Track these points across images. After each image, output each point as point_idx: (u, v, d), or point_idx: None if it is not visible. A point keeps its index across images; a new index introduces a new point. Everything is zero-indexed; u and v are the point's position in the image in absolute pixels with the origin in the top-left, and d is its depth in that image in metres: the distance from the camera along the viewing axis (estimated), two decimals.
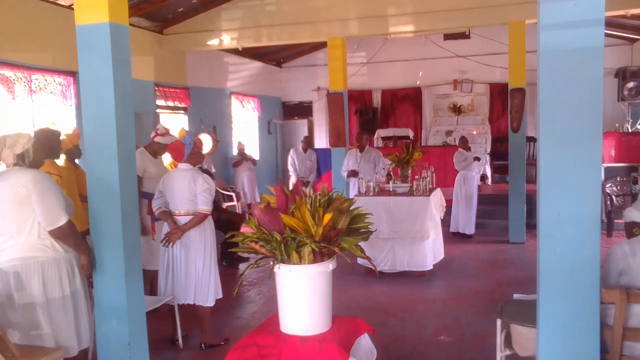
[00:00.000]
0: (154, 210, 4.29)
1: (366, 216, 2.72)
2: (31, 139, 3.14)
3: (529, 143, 10.47)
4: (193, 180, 4.18)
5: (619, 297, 2.45)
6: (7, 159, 3.07)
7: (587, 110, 2.29)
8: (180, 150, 4.27)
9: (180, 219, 4.21)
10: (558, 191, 2.34)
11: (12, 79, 6.22)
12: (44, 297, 3.01)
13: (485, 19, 7.90)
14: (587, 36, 2.26)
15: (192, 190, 4.17)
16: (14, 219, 3.00)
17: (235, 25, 8.90)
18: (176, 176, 4.24)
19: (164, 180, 4.31)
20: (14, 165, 3.08)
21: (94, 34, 3.24)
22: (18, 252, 3.00)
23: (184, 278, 4.21)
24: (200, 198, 4.19)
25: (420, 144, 10.79)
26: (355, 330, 2.80)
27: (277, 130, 13.65)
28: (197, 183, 4.17)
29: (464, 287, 5.86)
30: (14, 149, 3.06)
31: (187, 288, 4.22)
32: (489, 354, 3.41)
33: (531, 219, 7.84)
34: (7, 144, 3.06)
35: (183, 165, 4.28)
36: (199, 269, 4.21)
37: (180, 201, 4.20)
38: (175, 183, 4.21)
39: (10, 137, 3.10)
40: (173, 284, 4.24)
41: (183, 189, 4.18)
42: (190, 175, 4.20)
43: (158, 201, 4.28)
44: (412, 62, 12.75)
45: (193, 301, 4.25)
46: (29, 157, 3.11)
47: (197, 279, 4.22)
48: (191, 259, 4.20)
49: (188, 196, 4.18)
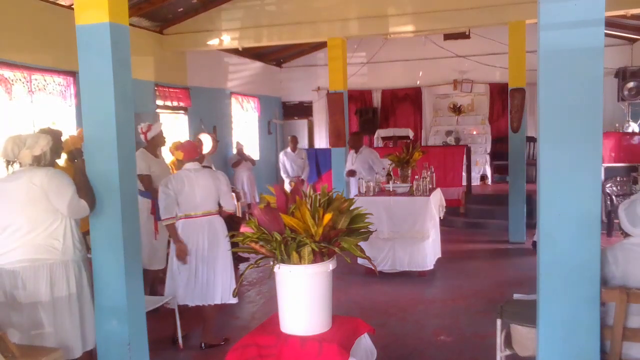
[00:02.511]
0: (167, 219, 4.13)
1: (366, 216, 2.72)
2: (50, 142, 3.19)
3: (529, 143, 10.47)
4: (216, 177, 4.20)
5: (619, 297, 2.44)
6: (24, 158, 3.11)
7: (587, 110, 2.29)
8: (194, 149, 4.28)
9: (203, 219, 4.16)
10: (558, 191, 2.34)
11: (11, 80, 6.21)
12: (50, 297, 3.02)
13: (485, 19, 7.91)
14: (587, 36, 2.26)
15: (218, 187, 4.18)
16: (27, 217, 3.03)
17: (235, 25, 8.90)
18: (193, 176, 4.15)
19: (174, 181, 4.14)
20: (29, 166, 3.11)
21: (94, 34, 3.23)
22: (28, 253, 3.01)
23: (212, 280, 4.17)
24: (227, 197, 4.21)
25: (420, 144, 10.78)
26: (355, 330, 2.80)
27: (277, 130, 13.65)
28: (221, 181, 4.20)
29: (464, 287, 5.86)
30: (32, 150, 3.10)
31: (215, 289, 4.18)
32: (489, 354, 3.41)
33: (531, 219, 7.84)
34: (27, 144, 3.11)
35: (191, 165, 4.22)
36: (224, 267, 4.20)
37: (204, 201, 4.14)
38: (197, 183, 4.13)
39: (30, 137, 3.15)
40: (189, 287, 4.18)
41: (209, 187, 4.14)
42: (210, 173, 4.22)
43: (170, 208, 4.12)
44: (412, 62, 12.75)
45: (220, 301, 4.22)
46: (45, 159, 3.16)
47: (223, 278, 4.20)
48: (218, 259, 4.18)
49: (214, 194, 4.18)
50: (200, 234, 4.15)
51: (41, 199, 3.03)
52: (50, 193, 3.04)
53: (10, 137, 3.14)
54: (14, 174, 3.09)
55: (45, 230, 3.05)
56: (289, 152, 9.95)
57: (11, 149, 3.09)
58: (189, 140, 4.41)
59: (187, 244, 4.14)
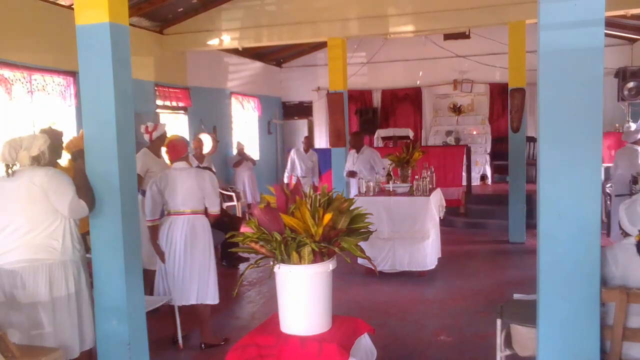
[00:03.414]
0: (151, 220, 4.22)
1: (366, 216, 2.72)
2: (47, 141, 3.19)
3: (529, 143, 10.46)
4: (201, 177, 4.18)
5: (619, 297, 2.44)
6: (23, 160, 3.11)
7: (587, 110, 2.28)
8: (180, 148, 4.28)
9: (184, 217, 4.20)
10: (558, 191, 2.34)
11: (11, 80, 6.21)
12: (49, 298, 3.02)
13: (485, 19, 7.91)
14: (587, 36, 2.26)
15: (202, 188, 4.17)
16: (27, 217, 3.03)
17: (235, 25, 8.90)
18: (177, 175, 4.21)
19: (161, 180, 4.25)
20: (29, 166, 3.12)
21: (94, 34, 3.23)
22: (27, 253, 3.02)
23: (187, 279, 4.20)
24: (212, 200, 4.19)
25: (420, 144, 10.79)
26: (355, 330, 2.80)
27: (277, 130, 13.65)
28: (205, 181, 4.18)
29: (464, 287, 5.86)
30: (30, 151, 3.10)
31: (190, 289, 4.21)
32: (489, 354, 3.41)
33: (531, 219, 7.83)
34: (24, 145, 3.11)
35: (180, 164, 4.27)
36: (201, 267, 4.21)
37: (187, 200, 4.17)
38: (180, 182, 4.18)
39: (26, 139, 3.15)
40: (173, 286, 4.23)
41: (191, 187, 4.15)
42: (196, 173, 4.21)
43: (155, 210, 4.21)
44: (412, 62, 12.75)
45: (196, 301, 4.24)
46: (44, 158, 3.16)
47: (200, 278, 4.21)
48: (195, 258, 4.19)
49: (198, 194, 4.18)
50: (179, 233, 4.20)
51: (41, 199, 3.03)
52: (50, 193, 3.04)
53: (7, 141, 3.13)
54: (15, 174, 3.10)
55: (45, 230, 3.05)
56: (301, 151, 9.89)
57: (8, 152, 3.08)
58: (173, 140, 4.38)
59: (170, 241, 4.21)
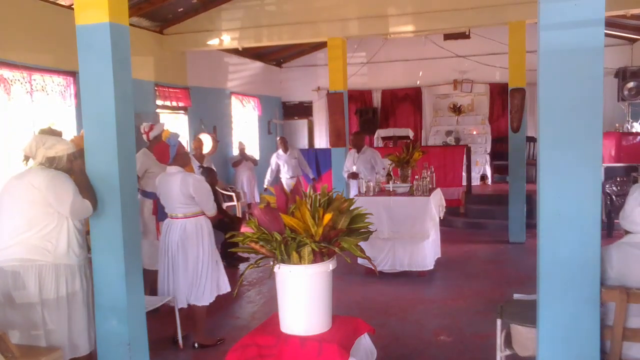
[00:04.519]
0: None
1: (366, 216, 2.72)
2: (70, 149, 3.20)
3: (529, 143, 10.47)
4: (184, 183, 4.12)
5: (619, 297, 2.44)
6: (39, 157, 3.13)
7: (587, 110, 2.28)
8: (165, 151, 4.24)
9: (178, 221, 4.20)
10: (558, 191, 2.33)
11: (10, 80, 6.21)
12: (39, 299, 3.02)
13: (485, 19, 7.90)
14: (587, 36, 2.26)
15: (185, 193, 4.12)
16: (25, 218, 3.04)
17: (235, 25, 8.90)
18: (167, 180, 4.21)
19: (158, 184, 4.29)
20: (39, 165, 3.12)
21: (94, 34, 3.24)
22: (21, 252, 3.01)
23: (183, 279, 4.21)
24: (203, 204, 4.17)
25: (420, 144, 10.79)
26: (355, 330, 2.80)
27: (277, 130, 13.65)
28: (189, 186, 4.11)
29: (464, 287, 5.86)
30: (47, 151, 3.12)
31: (179, 290, 4.22)
32: (489, 354, 3.41)
33: (531, 219, 7.83)
34: (46, 144, 3.13)
35: (171, 168, 4.24)
36: (196, 268, 4.21)
37: (175, 205, 4.19)
38: (168, 187, 4.19)
39: (52, 139, 3.19)
40: (173, 285, 4.24)
41: (176, 193, 4.14)
42: (180, 178, 4.14)
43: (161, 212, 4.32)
44: (412, 62, 12.75)
45: (190, 302, 4.25)
46: (60, 163, 3.16)
47: (194, 279, 4.22)
48: (190, 259, 4.20)
49: (182, 199, 4.14)
50: (171, 235, 4.22)
51: (39, 201, 3.03)
52: (50, 196, 3.03)
53: (37, 134, 3.20)
54: (21, 173, 3.12)
55: (40, 231, 3.04)
56: (280, 154, 9.74)
57: (30, 146, 3.13)
58: (160, 143, 4.37)
59: (166, 244, 4.23)
